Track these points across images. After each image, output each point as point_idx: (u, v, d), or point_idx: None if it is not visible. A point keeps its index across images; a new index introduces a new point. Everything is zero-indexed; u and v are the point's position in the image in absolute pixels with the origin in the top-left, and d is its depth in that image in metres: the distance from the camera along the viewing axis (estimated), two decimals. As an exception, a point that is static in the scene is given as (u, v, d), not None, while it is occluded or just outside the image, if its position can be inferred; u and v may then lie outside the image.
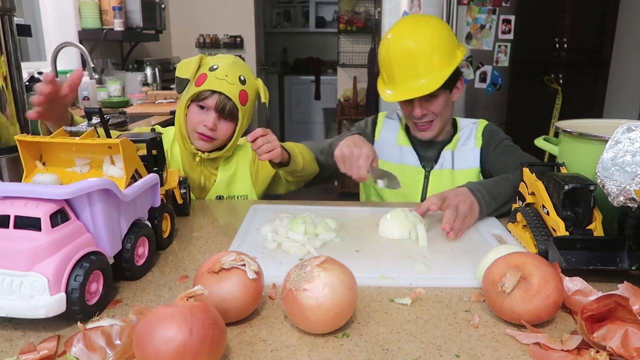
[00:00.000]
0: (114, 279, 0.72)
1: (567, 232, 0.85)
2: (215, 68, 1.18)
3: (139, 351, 0.53)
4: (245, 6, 4.67)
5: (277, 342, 0.63)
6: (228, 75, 1.18)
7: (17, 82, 0.97)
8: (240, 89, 1.18)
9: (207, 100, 1.18)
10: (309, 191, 1.45)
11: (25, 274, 0.61)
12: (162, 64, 3.89)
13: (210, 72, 1.18)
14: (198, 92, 1.18)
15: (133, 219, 0.79)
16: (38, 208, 0.63)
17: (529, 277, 0.65)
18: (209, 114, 1.19)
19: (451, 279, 0.79)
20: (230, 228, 1.03)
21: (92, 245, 0.68)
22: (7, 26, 0.93)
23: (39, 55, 2.96)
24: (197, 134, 1.20)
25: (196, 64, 1.19)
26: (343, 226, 1.02)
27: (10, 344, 0.62)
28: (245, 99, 1.20)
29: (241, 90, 1.18)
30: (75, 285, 0.63)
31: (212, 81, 1.17)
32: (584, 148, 0.96)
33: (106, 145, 0.82)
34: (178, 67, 1.21)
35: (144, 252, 0.81)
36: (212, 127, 1.18)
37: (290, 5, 6.61)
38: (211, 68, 1.18)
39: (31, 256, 0.61)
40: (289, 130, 6.37)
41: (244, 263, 0.66)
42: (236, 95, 1.17)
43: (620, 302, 0.59)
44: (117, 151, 0.83)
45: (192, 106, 1.21)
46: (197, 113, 1.20)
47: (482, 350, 0.61)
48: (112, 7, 3.10)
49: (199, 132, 1.20)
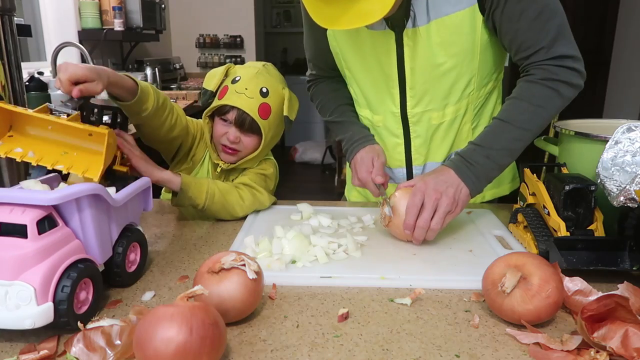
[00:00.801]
0: (104, 286, 0.71)
1: (568, 232, 0.85)
2: (237, 80, 1.13)
3: (139, 351, 0.53)
4: (245, 6, 4.68)
5: (277, 342, 0.63)
6: (248, 88, 1.12)
7: (17, 82, 0.97)
8: (260, 102, 1.12)
9: (227, 115, 1.14)
10: (308, 191, 1.44)
11: (11, 283, 0.58)
12: (162, 64, 3.89)
13: (232, 85, 1.13)
14: (218, 107, 1.15)
15: (124, 224, 0.77)
16: (24, 214, 0.61)
17: (529, 277, 0.65)
18: (231, 127, 1.15)
19: (451, 280, 0.79)
20: (230, 228, 1.04)
21: (81, 252, 0.66)
22: (7, 26, 0.93)
23: (39, 55, 2.96)
24: (222, 146, 1.17)
25: (221, 75, 1.15)
26: (341, 226, 1.02)
27: (10, 344, 0.62)
28: (267, 113, 1.14)
29: (262, 104, 1.13)
30: (62, 297, 0.60)
31: (231, 95, 1.12)
32: (584, 148, 0.96)
33: (87, 132, 0.78)
34: (205, 77, 1.17)
35: (136, 258, 0.79)
36: (234, 140, 1.14)
37: (290, 5, 6.61)
38: (234, 80, 1.14)
39: (17, 264, 0.58)
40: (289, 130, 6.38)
41: (244, 263, 0.66)
42: (255, 109, 1.12)
43: (620, 302, 0.59)
44: (100, 141, 0.78)
45: (216, 118, 1.18)
46: (221, 125, 1.16)
47: (482, 350, 0.61)
48: (112, 7, 3.10)
49: (223, 145, 1.16)
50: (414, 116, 1.09)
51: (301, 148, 5.85)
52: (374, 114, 1.14)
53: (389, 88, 1.08)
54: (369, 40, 1.04)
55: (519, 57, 0.99)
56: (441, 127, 1.10)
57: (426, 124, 1.10)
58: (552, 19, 0.94)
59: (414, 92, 1.06)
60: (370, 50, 1.05)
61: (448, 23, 0.97)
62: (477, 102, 1.10)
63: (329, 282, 0.79)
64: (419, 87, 1.05)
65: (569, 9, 3.98)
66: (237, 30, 4.71)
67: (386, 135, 1.15)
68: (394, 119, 1.11)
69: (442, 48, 0.99)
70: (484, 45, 1.01)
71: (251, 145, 1.16)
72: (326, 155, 5.50)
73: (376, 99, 1.12)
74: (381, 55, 1.04)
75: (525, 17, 0.94)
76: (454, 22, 0.97)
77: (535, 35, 0.95)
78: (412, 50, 1.01)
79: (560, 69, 0.95)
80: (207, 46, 4.67)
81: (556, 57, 0.95)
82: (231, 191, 1.08)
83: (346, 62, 1.12)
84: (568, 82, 0.95)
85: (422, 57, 1.01)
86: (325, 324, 0.67)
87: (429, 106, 1.07)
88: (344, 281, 0.79)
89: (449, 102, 1.06)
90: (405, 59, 1.03)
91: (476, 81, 1.05)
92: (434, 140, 1.12)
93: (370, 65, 1.07)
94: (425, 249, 0.91)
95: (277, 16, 6.64)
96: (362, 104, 1.17)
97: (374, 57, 1.06)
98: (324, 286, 0.78)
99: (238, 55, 4.75)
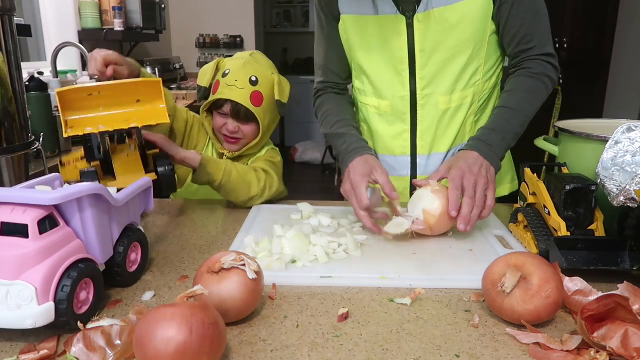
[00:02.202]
0: (105, 286, 0.71)
1: (569, 232, 0.85)
2: (227, 74, 1.21)
3: (139, 351, 0.53)
4: (245, 6, 4.68)
5: (277, 342, 0.63)
6: (238, 79, 1.19)
7: (17, 82, 0.97)
8: (251, 91, 1.18)
9: (223, 108, 1.23)
10: (308, 191, 1.45)
11: (12, 282, 0.58)
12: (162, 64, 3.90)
13: (223, 79, 1.22)
14: (213, 102, 1.23)
15: (125, 223, 0.77)
16: (25, 214, 0.61)
17: (529, 277, 0.65)
18: (228, 118, 1.23)
19: (451, 280, 0.79)
20: (230, 228, 1.03)
21: (82, 252, 0.66)
22: (7, 26, 0.93)
23: (39, 55, 2.96)
24: (223, 136, 1.25)
25: (212, 70, 1.24)
26: (341, 226, 1.02)
27: (10, 343, 0.62)
28: (259, 100, 1.19)
29: (253, 92, 1.18)
30: (62, 297, 0.60)
31: (223, 89, 1.20)
32: (584, 148, 0.96)
33: (136, 88, 0.91)
34: (199, 75, 1.28)
35: (137, 258, 0.79)
36: (233, 130, 1.23)
37: (290, 5, 6.61)
38: (224, 74, 1.22)
39: (18, 264, 0.59)
40: (289, 130, 6.38)
41: (244, 263, 0.66)
42: (247, 99, 1.18)
43: (620, 302, 0.59)
44: (154, 91, 0.91)
45: (214, 112, 1.26)
46: (220, 118, 1.25)
47: (482, 350, 0.61)
48: (112, 7, 3.10)
49: (225, 135, 1.25)
50: (423, 98, 1.11)
51: (301, 148, 5.85)
52: (381, 99, 1.15)
53: (399, 71, 1.10)
54: (378, 25, 1.08)
55: (519, 50, 1.08)
56: (447, 114, 1.12)
57: (433, 109, 1.11)
58: (546, 19, 1.07)
59: (424, 74, 1.09)
60: (379, 35, 1.08)
61: (464, 8, 1.02)
62: (482, 95, 1.13)
63: (329, 282, 0.79)
64: (428, 69, 1.08)
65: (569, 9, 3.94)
66: (237, 30, 4.72)
67: (393, 121, 1.15)
68: (402, 102, 1.13)
69: (454, 32, 1.04)
70: (492, 36, 1.08)
71: (251, 133, 1.24)
72: (326, 155, 5.50)
73: (384, 84, 1.13)
74: (391, 39, 1.07)
75: (532, 13, 1.04)
76: (469, 7, 1.02)
77: (536, 30, 1.06)
78: (423, 34, 1.05)
79: (548, 65, 1.08)
80: (207, 46, 4.67)
81: (547, 54, 1.07)
82: (248, 171, 1.15)
83: (355, 51, 1.14)
84: (552, 77, 1.08)
85: (433, 40, 1.04)
86: (325, 324, 0.67)
87: (437, 89, 1.10)
88: (344, 281, 0.79)
89: (456, 88, 1.10)
90: (416, 42, 1.07)
91: (482, 71, 1.10)
92: (439, 128, 1.13)
93: (379, 50, 1.09)
94: (425, 249, 0.91)
95: (277, 16, 6.64)
96: (369, 92, 1.17)
97: (383, 42, 1.08)
98: (324, 286, 0.78)
99: (240, 55, 4.74)
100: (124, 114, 0.93)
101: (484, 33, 1.06)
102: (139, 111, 0.94)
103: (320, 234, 0.94)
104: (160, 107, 0.95)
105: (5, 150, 0.96)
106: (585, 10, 3.61)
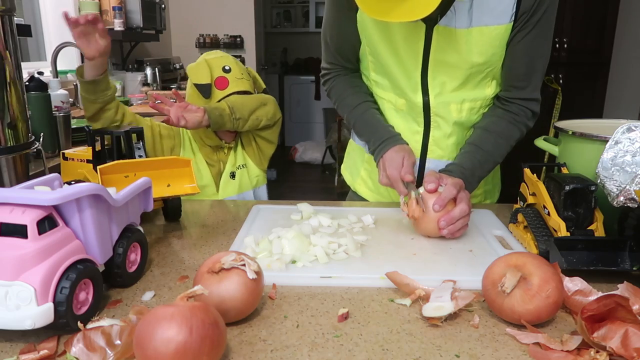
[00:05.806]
0: (105, 286, 0.70)
1: (568, 232, 0.85)
2: (228, 69, 1.39)
3: (139, 351, 0.53)
4: (245, 6, 4.68)
5: (277, 342, 0.63)
6: (243, 73, 1.41)
7: (17, 82, 0.97)
8: (249, 78, 1.43)
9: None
10: (308, 191, 1.49)
11: (11, 283, 0.58)
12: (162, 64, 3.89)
13: (228, 75, 1.40)
14: (226, 97, 1.39)
15: (125, 224, 0.77)
16: (24, 215, 0.61)
17: (529, 277, 0.65)
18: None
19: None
20: (230, 228, 1.03)
21: (81, 252, 0.66)
22: (7, 26, 0.93)
23: (39, 55, 2.96)
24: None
25: (206, 67, 1.39)
26: (341, 226, 1.02)
27: (10, 344, 0.62)
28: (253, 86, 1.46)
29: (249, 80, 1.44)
30: (61, 298, 0.60)
31: (237, 83, 1.39)
32: (584, 148, 0.96)
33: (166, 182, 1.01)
34: (193, 74, 1.36)
35: (136, 258, 0.79)
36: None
37: (290, 5, 6.62)
38: (224, 69, 1.40)
39: (17, 265, 0.58)
40: (289, 130, 6.38)
41: (244, 263, 0.66)
42: (251, 85, 1.42)
43: (620, 302, 0.59)
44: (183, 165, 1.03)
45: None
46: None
47: (482, 350, 0.61)
48: (112, 7, 3.11)
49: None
50: (436, 106, 1.10)
51: (301, 148, 5.85)
52: (398, 97, 1.14)
53: (414, 77, 1.09)
54: (398, 27, 1.05)
55: (512, 85, 1.08)
56: (460, 126, 1.12)
57: (446, 118, 1.11)
58: (547, 64, 1.07)
59: (435, 84, 1.08)
60: (400, 37, 1.05)
61: (486, 33, 1.00)
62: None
63: (329, 282, 0.79)
64: (439, 80, 1.07)
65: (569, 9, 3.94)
66: (237, 30, 4.71)
67: (408, 120, 1.15)
68: (416, 107, 1.12)
69: (472, 54, 1.02)
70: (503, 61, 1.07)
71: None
72: (326, 155, 5.50)
73: (401, 84, 1.12)
74: (410, 43, 1.05)
75: (536, 54, 1.04)
76: (492, 34, 1.00)
77: (534, 73, 1.06)
78: (439, 45, 1.03)
79: (529, 112, 1.10)
80: (207, 46, 4.67)
81: (533, 99, 1.09)
82: (247, 97, 1.38)
83: (374, 47, 1.11)
84: (529, 125, 1.11)
85: (449, 55, 1.03)
86: (325, 324, 0.67)
87: (450, 99, 1.09)
88: (344, 281, 0.79)
89: (465, 106, 1.10)
90: (432, 52, 1.05)
91: (496, 89, 1.11)
92: (450, 138, 1.13)
93: (398, 51, 1.07)
94: (425, 249, 0.91)
95: (277, 16, 6.64)
96: (387, 87, 1.16)
97: (403, 44, 1.06)
98: (324, 286, 0.78)
99: (238, 55, 4.73)
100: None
101: (499, 58, 1.05)
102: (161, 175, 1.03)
103: (320, 234, 0.94)
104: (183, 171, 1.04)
105: (5, 150, 0.96)
106: (585, 10, 3.61)
